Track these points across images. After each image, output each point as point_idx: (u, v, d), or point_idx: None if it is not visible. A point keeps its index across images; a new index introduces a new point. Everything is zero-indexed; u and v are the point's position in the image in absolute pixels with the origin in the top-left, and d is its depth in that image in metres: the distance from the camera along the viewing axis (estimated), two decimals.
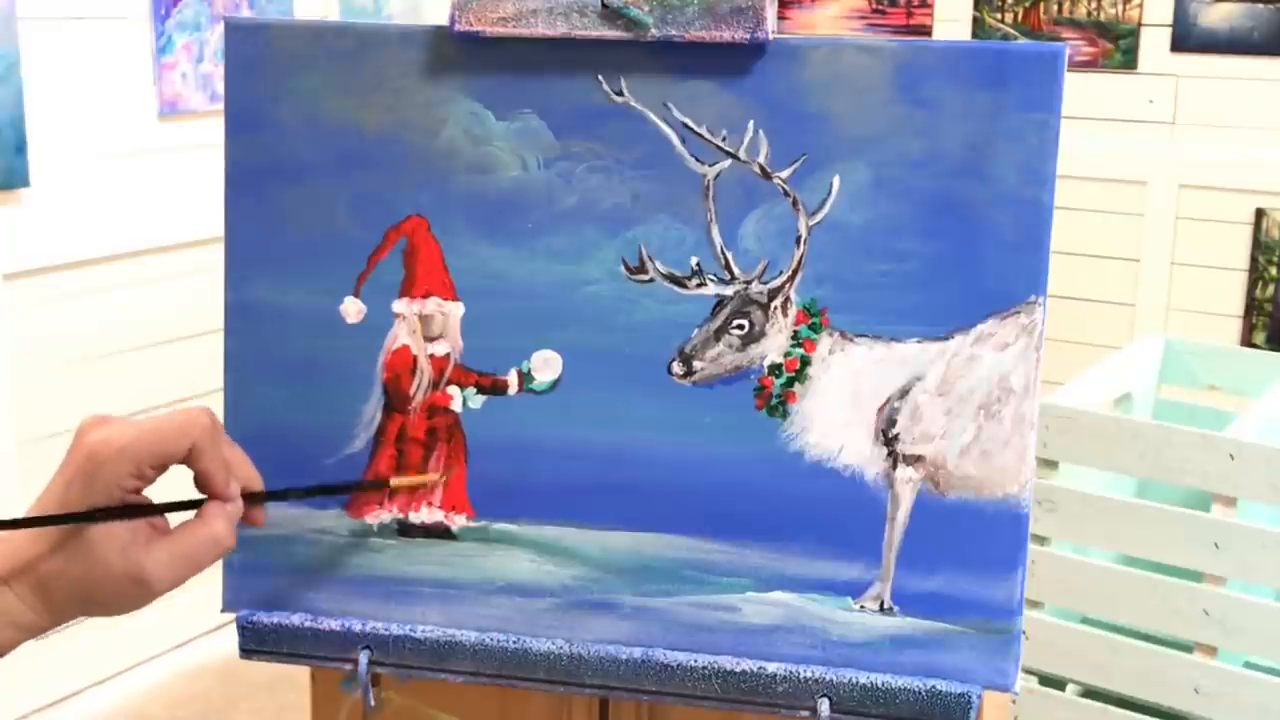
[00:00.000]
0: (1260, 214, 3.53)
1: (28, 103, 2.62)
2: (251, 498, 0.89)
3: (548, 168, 1.02)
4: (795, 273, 1.00)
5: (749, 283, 1.01)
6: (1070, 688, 2.41)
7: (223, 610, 1.07)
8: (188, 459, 0.83)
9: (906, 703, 1.00)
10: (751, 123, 0.99)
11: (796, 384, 1.01)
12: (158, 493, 0.84)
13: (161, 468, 0.82)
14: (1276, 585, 2.19)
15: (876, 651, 1.01)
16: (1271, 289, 3.56)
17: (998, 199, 0.97)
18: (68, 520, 0.79)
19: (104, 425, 0.80)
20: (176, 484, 0.88)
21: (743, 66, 0.99)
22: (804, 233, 1.00)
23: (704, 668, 1.02)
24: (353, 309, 1.05)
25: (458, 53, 1.02)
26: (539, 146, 1.02)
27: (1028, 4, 3.77)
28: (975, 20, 3.83)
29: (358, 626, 1.05)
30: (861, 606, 1.01)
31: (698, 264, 1.01)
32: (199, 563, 0.84)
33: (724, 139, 1.00)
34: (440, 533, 1.05)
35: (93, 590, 0.80)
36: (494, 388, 1.04)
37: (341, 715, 1.12)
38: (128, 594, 0.81)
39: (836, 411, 1.01)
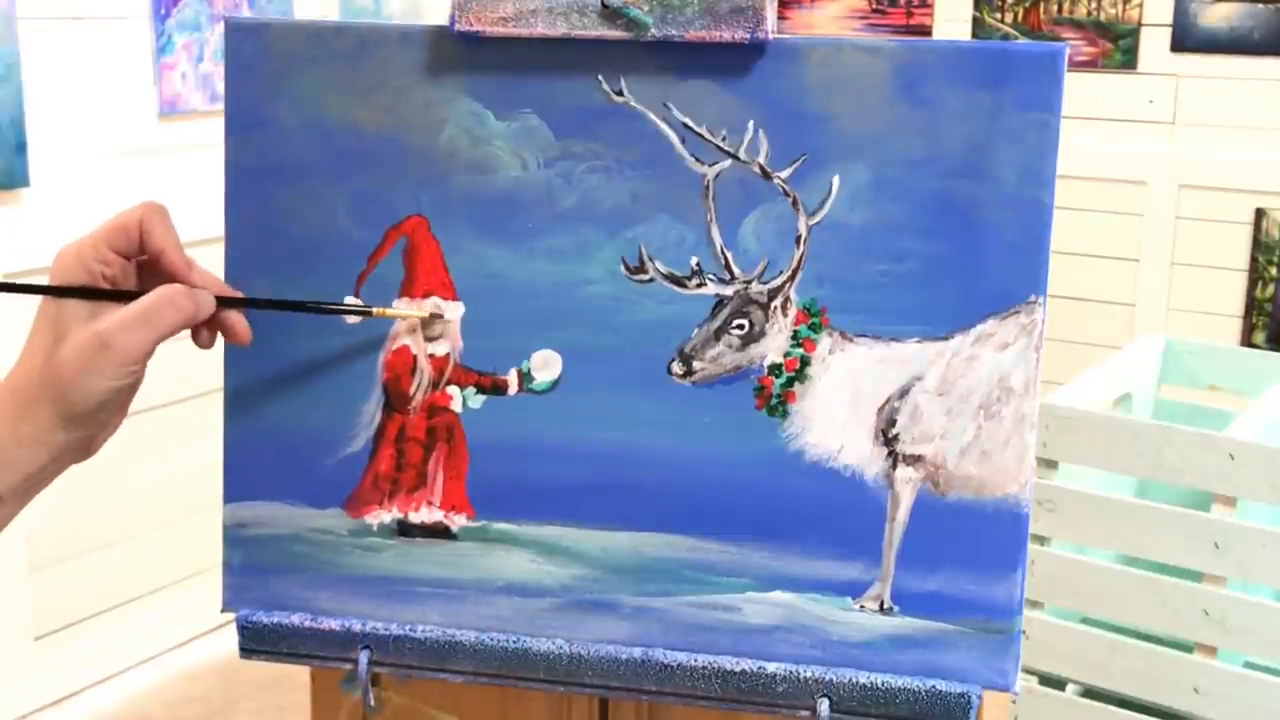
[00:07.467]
0: (1260, 214, 3.53)
1: (28, 103, 2.62)
2: (225, 301, 0.95)
3: (548, 168, 1.02)
4: (795, 272, 1.00)
5: (749, 282, 1.01)
6: (1070, 688, 2.41)
7: (223, 610, 1.07)
8: (145, 242, 0.91)
9: (906, 703, 0.99)
10: (751, 123, 0.99)
11: (796, 384, 1.01)
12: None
13: (122, 252, 0.91)
14: (1276, 585, 2.19)
15: (876, 651, 1.01)
16: (1271, 289, 3.56)
17: (998, 199, 0.97)
18: (34, 290, 0.89)
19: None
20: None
21: (743, 66, 0.99)
22: (804, 232, 1.00)
23: (704, 668, 1.02)
24: None
25: (458, 53, 1.02)
26: (539, 146, 1.02)
27: (1028, 4, 3.77)
28: (975, 20, 3.83)
29: (358, 626, 1.05)
30: (861, 606, 1.01)
31: (698, 264, 1.01)
32: (157, 325, 0.90)
33: (724, 139, 1.00)
34: (440, 533, 1.05)
35: (59, 367, 0.87)
36: (494, 388, 1.04)
37: (341, 715, 1.12)
38: (90, 362, 0.87)
39: (836, 411, 1.01)
